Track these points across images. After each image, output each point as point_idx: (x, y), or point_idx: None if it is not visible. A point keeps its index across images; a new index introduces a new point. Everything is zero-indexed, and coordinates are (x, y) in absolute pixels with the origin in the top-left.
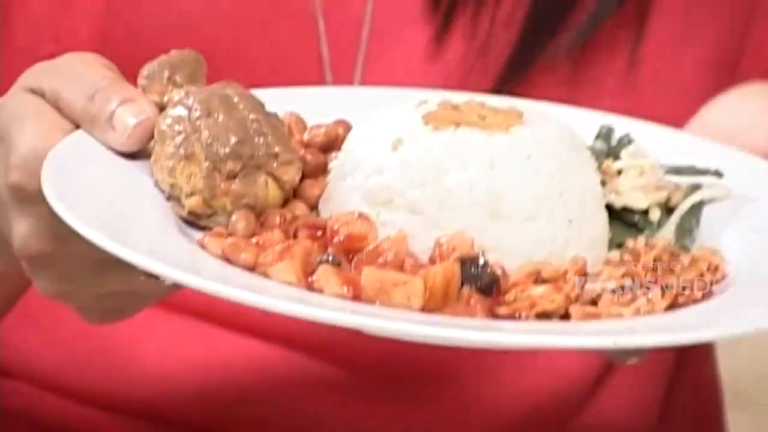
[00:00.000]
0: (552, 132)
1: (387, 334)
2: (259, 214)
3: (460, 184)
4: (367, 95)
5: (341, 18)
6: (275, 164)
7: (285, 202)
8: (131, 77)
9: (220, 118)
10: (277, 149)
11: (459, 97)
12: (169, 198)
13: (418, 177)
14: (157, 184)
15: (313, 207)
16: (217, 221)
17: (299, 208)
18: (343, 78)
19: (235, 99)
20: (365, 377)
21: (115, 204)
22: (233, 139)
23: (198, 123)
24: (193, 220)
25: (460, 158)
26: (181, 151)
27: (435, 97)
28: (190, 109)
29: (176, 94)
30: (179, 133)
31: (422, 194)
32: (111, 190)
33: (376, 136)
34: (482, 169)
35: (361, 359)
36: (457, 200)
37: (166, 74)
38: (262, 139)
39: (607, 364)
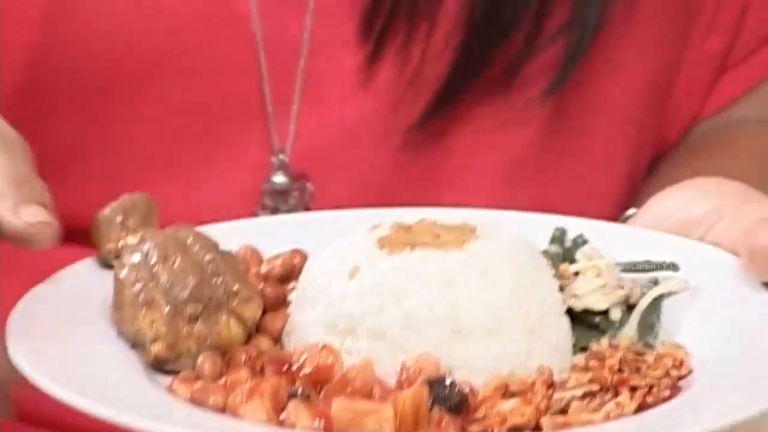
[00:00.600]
0: (506, 244)
1: None
2: (224, 353)
3: (420, 305)
4: (319, 220)
5: (280, 37)
6: (235, 302)
7: (248, 338)
8: (67, 89)
9: (177, 262)
10: (236, 287)
11: (411, 216)
12: (133, 346)
13: (377, 302)
14: (120, 333)
15: (277, 340)
16: (183, 364)
17: (263, 342)
18: (282, 99)
19: (189, 241)
20: None
21: (80, 358)
22: (192, 282)
23: (155, 269)
24: (160, 366)
25: (418, 279)
26: (141, 298)
27: (387, 220)
28: (146, 255)
29: (131, 239)
30: (138, 280)
31: (383, 319)
32: (75, 344)
33: (333, 265)
34: (440, 289)
35: None
36: (418, 321)
37: (119, 219)
38: (220, 279)
39: None
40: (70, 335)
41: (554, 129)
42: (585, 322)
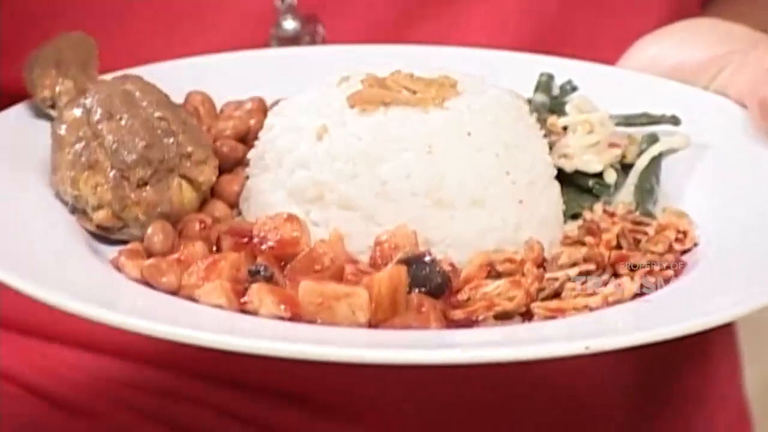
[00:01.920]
0: (490, 101)
1: (338, 361)
2: (175, 221)
3: (396, 172)
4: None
5: None
6: (189, 164)
7: (202, 204)
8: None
9: (124, 120)
10: (189, 148)
11: (383, 69)
12: (73, 210)
13: (348, 168)
14: (58, 195)
15: (233, 205)
16: (129, 233)
17: (218, 208)
18: None
19: (137, 95)
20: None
21: (14, 224)
22: (140, 144)
23: (99, 127)
24: (103, 234)
25: (394, 143)
26: (83, 159)
27: (358, 72)
28: (89, 111)
29: (68, 83)
30: (79, 139)
31: (355, 187)
32: (7, 207)
33: (298, 124)
34: (419, 154)
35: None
36: (395, 191)
37: (54, 61)
38: (172, 139)
39: None
40: (1, 195)
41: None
42: (576, 185)
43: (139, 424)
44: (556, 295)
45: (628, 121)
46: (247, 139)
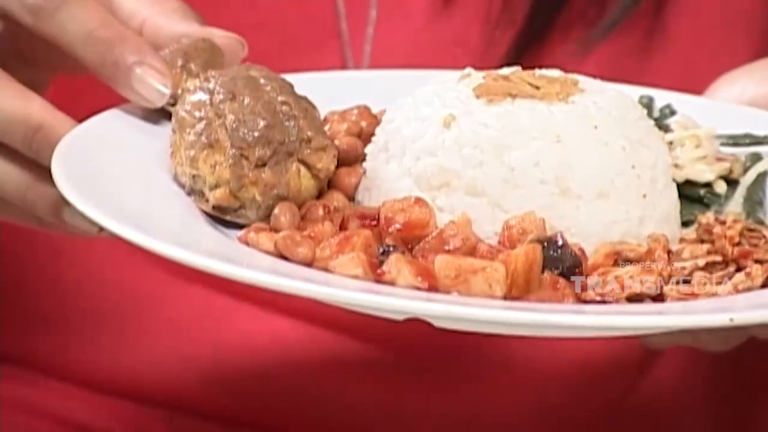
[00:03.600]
0: (614, 100)
1: (472, 326)
2: (298, 206)
3: (525, 160)
4: (384, 78)
5: None
6: (308, 150)
7: (319, 194)
8: None
9: (246, 101)
10: (309, 134)
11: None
12: (190, 192)
13: (476, 155)
14: (176, 177)
15: (351, 198)
16: (245, 215)
17: (336, 198)
18: (358, 16)
19: (262, 81)
20: (397, 357)
21: (135, 198)
22: (261, 123)
23: (221, 107)
24: (219, 215)
25: (522, 132)
26: (204, 138)
27: (475, 72)
28: (212, 93)
29: (191, 84)
30: (200, 119)
31: (483, 174)
32: (128, 185)
33: (422, 114)
34: (548, 143)
35: (393, 339)
36: (523, 178)
37: (179, 62)
38: (293, 123)
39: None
40: (122, 179)
41: (650, 43)
42: (687, 195)
43: None
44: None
45: (732, 140)
46: (361, 137)
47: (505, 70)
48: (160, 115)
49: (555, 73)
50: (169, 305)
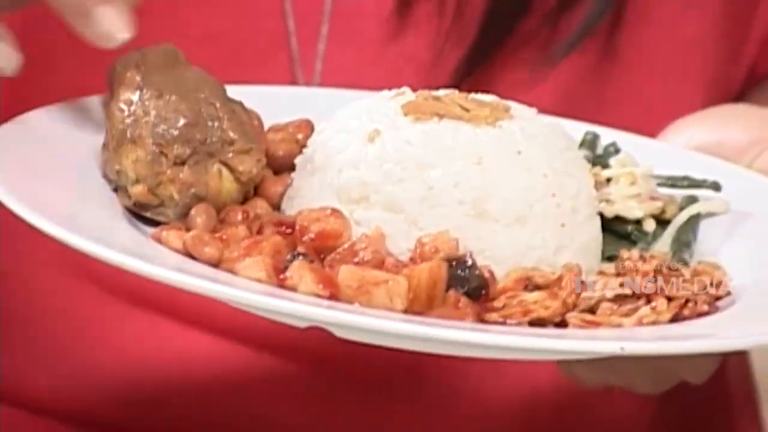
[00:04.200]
0: (542, 128)
1: (370, 338)
2: (218, 210)
3: (445, 180)
4: (328, 96)
5: None
6: (230, 153)
7: (244, 200)
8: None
9: (172, 98)
10: (233, 136)
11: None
12: (116, 189)
13: (397, 171)
14: (105, 173)
15: (276, 206)
16: (164, 213)
17: (260, 206)
18: (308, 34)
19: (194, 81)
20: (329, 377)
21: (59, 192)
22: (182, 121)
23: (147, 104)
24: (139, 212)
25: (445, 152)
26: (128, 134)
27: (410, 91)
28: (142, 90)
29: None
30: (129, 115)
31: (402, 190)
32: (56, 178)
33: (350, 128)
34: (469, 165)
35: (326, 358)
36: (441, 198)
37: (134, 63)
38: (216, 124)
39: None
40: (51, 174)
41: (603, 68)
42: (615, 231)
43: None
44: (591, 311)
45: (670, 182)
46: (294, 149)
47: (441, 92)
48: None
49: (489, 98)
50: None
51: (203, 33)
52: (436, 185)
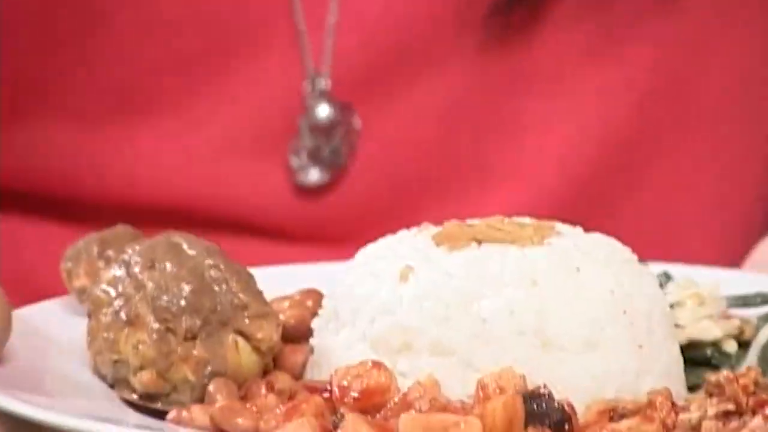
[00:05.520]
0: (596, 241)
1: None
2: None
3: (497, 310)
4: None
5: None
6: (246, 319)
7: (263, 374)
8: None
9: (168, 267)
10: (245, 299)
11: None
12: (113, 383)
13: (440, 309)
14: (96, 369)
15: (298, 378)
16: (178, 400)
17: (282, 379)
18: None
19: (185, 246)
20: None
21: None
22: (187, 289)
23: (140, 278)
24: (148, 405)
25: (492, 278)
26: (123, 316)
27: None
28: (128, 265)
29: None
30: (118, 296)
31: (449, 330)
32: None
33: (376, 270)
34: (522, 289)
35: None
36: (496, 331)
37: (95, 251)
38: (224, 287)
39: None
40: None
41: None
42: (692, 357)
43: None
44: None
45: (741, 301)
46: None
47: (473, 221)
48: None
49: (526, 220)
50: None
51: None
52: (488, 318)
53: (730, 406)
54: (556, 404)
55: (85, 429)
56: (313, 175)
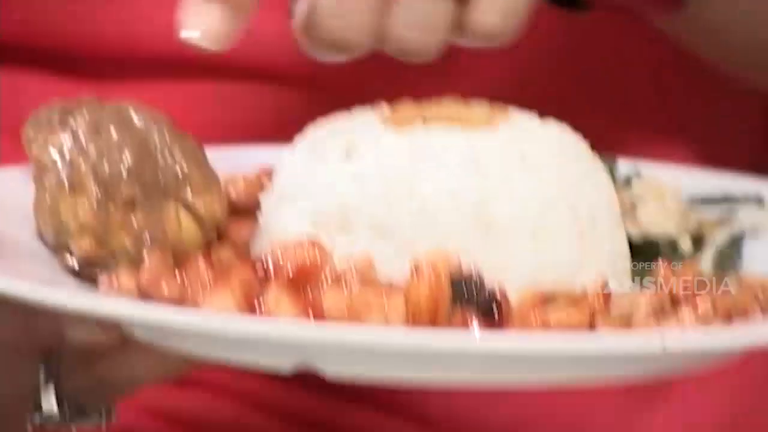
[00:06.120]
0: (549, 129)
1: (366, 366)
2: (176, 260)
3: (438, 192)
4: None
5: None
6: (188, 190)
7: (207, 248)
8: None
9: (113, 134)
10: (189, 170)
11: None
12: (56, 249)
13: (381, 188)
14: (40, 234)
15: (243, 253)
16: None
17: (224, 252)
18: None
19: (133, 114)
20: None
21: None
22: (129, 156)
23: (85, 144)
24: (88, 272)
25: (435, 159)
26: (65, 181)
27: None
28: (74, 131)
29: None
30: (63, 161)
31: (389, 210)
32: None
33: (320, 149)
34: (465, 171)
35: None
36: (436, 213)
37: (56, 119)
38: (168, 157)
39: None
40: None
41: None
42: (645, 253)
43: None
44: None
45: (705, 202)
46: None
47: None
48: None
49: (480, 105)
50: None
51: None
52: (428, 199)
53: (665, 298)
54: (485, 288)
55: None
56: None
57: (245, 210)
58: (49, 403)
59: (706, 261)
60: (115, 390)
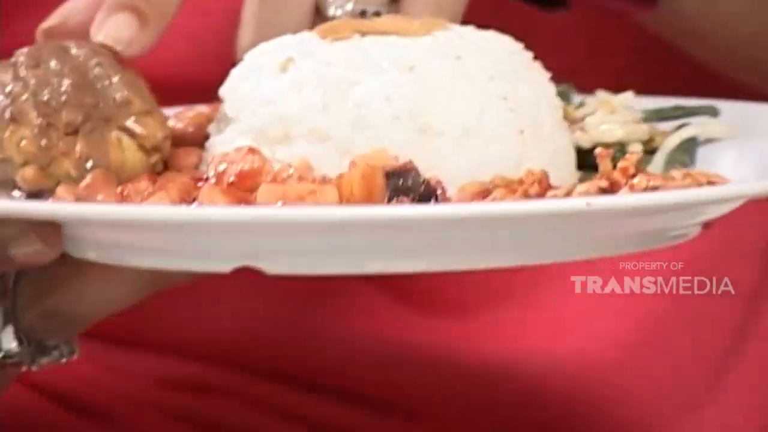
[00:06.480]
0: (486, 35)
1: (307, 262)
2: (119, 184)
3: (374, 95)
4: None
5: None
6: (130, 116)
7: (154, 177)
8: None
9: (52, 65)
10: (129, 96)
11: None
12: (2, 186)
13: (317, 97)
14: None
15: None
16: None
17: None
18: None
19: (72, 46)
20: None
21: None
22: (67, 83)
23: (25, 77)
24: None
25: (370, 65)
26: (7, 114)
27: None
28: (15, 66)
29: None
30: (5, 96)
31: (326, 117)
32: None
33: (259, 65)
34: (400, 74)
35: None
36: (373, 117)
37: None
38: (108, 84)
39: None
40: None
41: None
42: (593, 164)
43: (166, 427)
44: None
45: (658, 115)
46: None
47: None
48: None
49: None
50: None
51: None
52: (364, 103)
53: (603, 184)
54: (422, 179)
55: None
56: None
57: (193, 142)
58: (10, 341)
59: (657, 164)
60: (74, 323)
